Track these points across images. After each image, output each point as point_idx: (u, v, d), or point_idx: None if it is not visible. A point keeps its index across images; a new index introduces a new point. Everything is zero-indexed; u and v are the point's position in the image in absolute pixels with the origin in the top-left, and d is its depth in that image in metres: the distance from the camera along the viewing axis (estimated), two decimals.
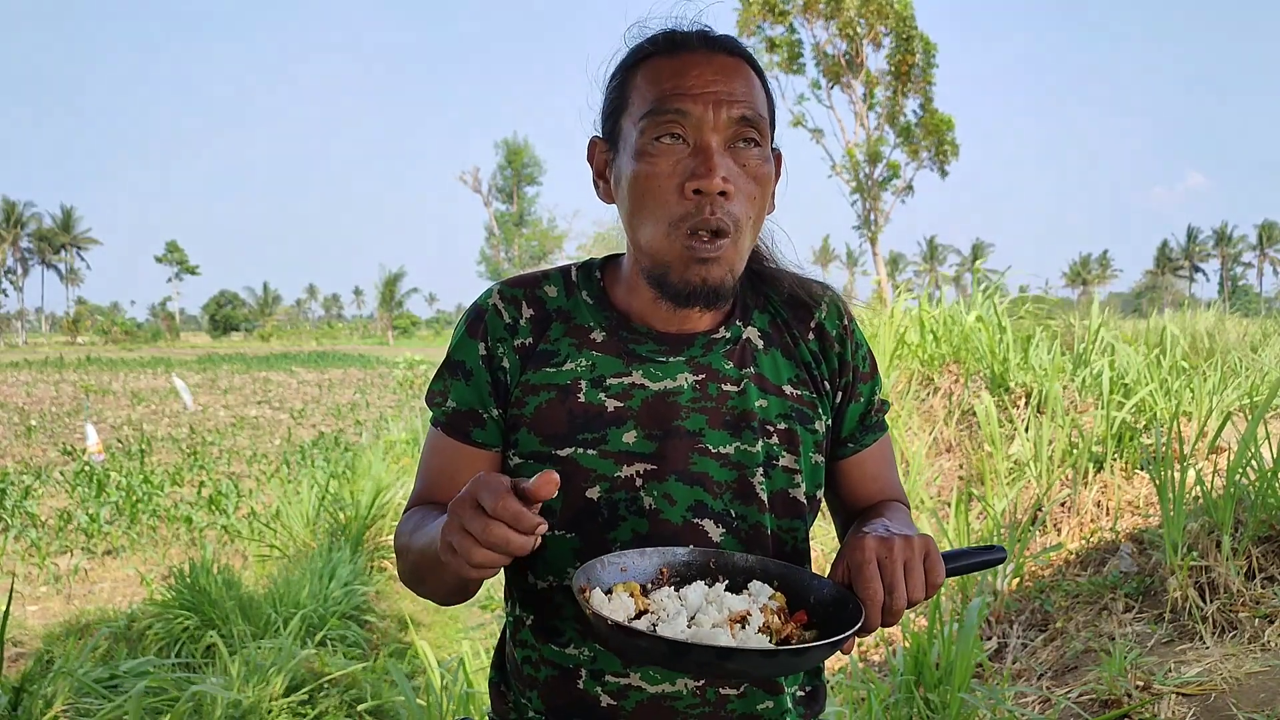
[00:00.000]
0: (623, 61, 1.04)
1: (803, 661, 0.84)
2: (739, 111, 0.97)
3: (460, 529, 0.79)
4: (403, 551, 1.04)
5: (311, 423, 14.41)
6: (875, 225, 23.78)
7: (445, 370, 1.09)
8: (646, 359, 1.06)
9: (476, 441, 1.06)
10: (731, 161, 0.97)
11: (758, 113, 0.98)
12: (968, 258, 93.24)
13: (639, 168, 0.98)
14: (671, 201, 0.97)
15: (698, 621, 0.86)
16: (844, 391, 1.13)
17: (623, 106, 1.02)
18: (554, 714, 1.05)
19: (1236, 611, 2.75)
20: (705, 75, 0.97)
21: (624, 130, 1.01)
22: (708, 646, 0.79)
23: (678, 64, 0.98)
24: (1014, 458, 4.67)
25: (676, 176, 0.96)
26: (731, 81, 0.98)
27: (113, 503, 6.96)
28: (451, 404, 1.07)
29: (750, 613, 0.89)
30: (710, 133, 0.96)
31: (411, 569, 1.02)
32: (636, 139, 0.98)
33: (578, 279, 1.11)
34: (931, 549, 0.91)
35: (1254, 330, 9.28)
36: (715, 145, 0.96)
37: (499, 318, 1.07)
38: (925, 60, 22.17)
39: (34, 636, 4.34)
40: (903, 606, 0.89)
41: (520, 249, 57.66)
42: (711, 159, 0.95)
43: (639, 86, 1.00)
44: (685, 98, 0.96)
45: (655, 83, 0.98)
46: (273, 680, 3.21)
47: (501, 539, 0.78)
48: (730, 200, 0.96)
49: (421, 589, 1.04)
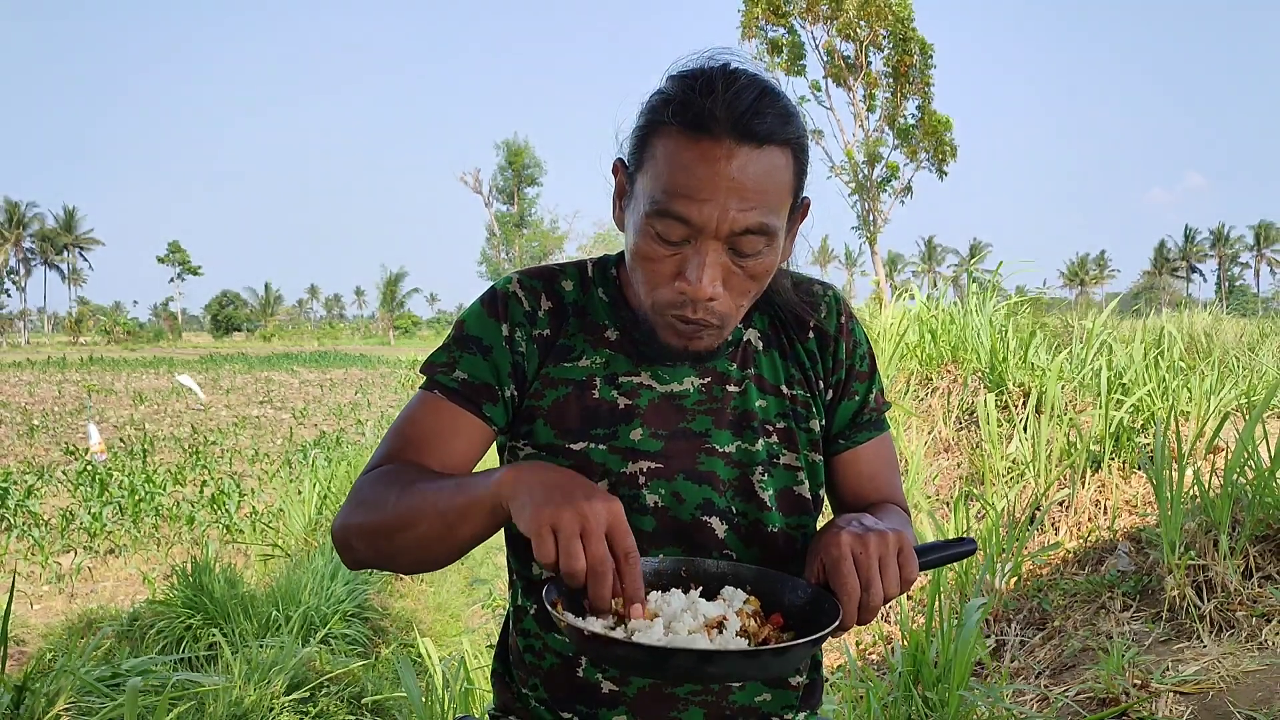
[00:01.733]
0: (652, 105, 0.97)
1: (784, 662, 0.83)
2: (746, 222, 0.92)
3: (575, 533, 0.80)
4: (377, 502, 0.96)
5: (313, 422, 14.42)
6: (874, 226, 23.77)
7: (454, 344, 1.07)
8: (655, 360, 1.08)
9: (485, 415, 1.05)
10: (730, 261, 0.95)
11: (767, 221, 0.93)
12: (966, 258, 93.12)
13: (639, 243, 0.96)
14: (663, 283, 0.96)
15: (674, 629, 0.85)
16: (836, 389, 1.15)
17: (639, 161, 0.97)
18: (557, 702, 1.07)
19: (1234, 610, 2.76)
20: (719, 176, 0.90)
21: (637, 185, 0.97)
22: (689, 651, 0.79)
23: (694, 153, 0.91)
24: (1012, 457, 4.68)
25: (672, 265, 0.95)
26: (747, 183, 0.91)
27: (115, 502, 6.97)
28: (461, 374, 1.05)
29: (726, 617, 0.89)
30: (709, 240, 0.93)
31: (396, 520, 0.94)
32: (643, 215, 0.95)
33: (594, 275, 1.12)
34: (905, 543, 0.91)
35: (1251, 330, 9.28)
36: (710, 254, 0.93)
37: (519, 305, 1.08)
38: (923, 61, 22.16)
39: (36, 635, 4.35)
40: (879, 603, 0.89)
41: (521, 249, 57.64)
42: (702, 269, 0.93)
43: (655, 157, 0.94)
44: (691, 203, 0.91)
45: (668, 167, 0.92)
46: (274, 678, 3.22)
47: (604, 573, 0.80)
48: (718, 301, 0.95)
49: (389, 545, 0.96)
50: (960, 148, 22.82)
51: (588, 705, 1.05)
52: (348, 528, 0.98)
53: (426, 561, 0.97)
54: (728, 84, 0.92)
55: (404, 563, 0.98)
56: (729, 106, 0.90)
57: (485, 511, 0.88)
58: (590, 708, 1.05)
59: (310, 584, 4.30)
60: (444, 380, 1.06)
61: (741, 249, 0.94)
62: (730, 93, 0.91)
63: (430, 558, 0.96)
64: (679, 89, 0.94)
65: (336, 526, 0.99)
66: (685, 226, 0.92)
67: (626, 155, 1.01)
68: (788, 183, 0.95)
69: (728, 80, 0.93)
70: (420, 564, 0.97)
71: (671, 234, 0.93)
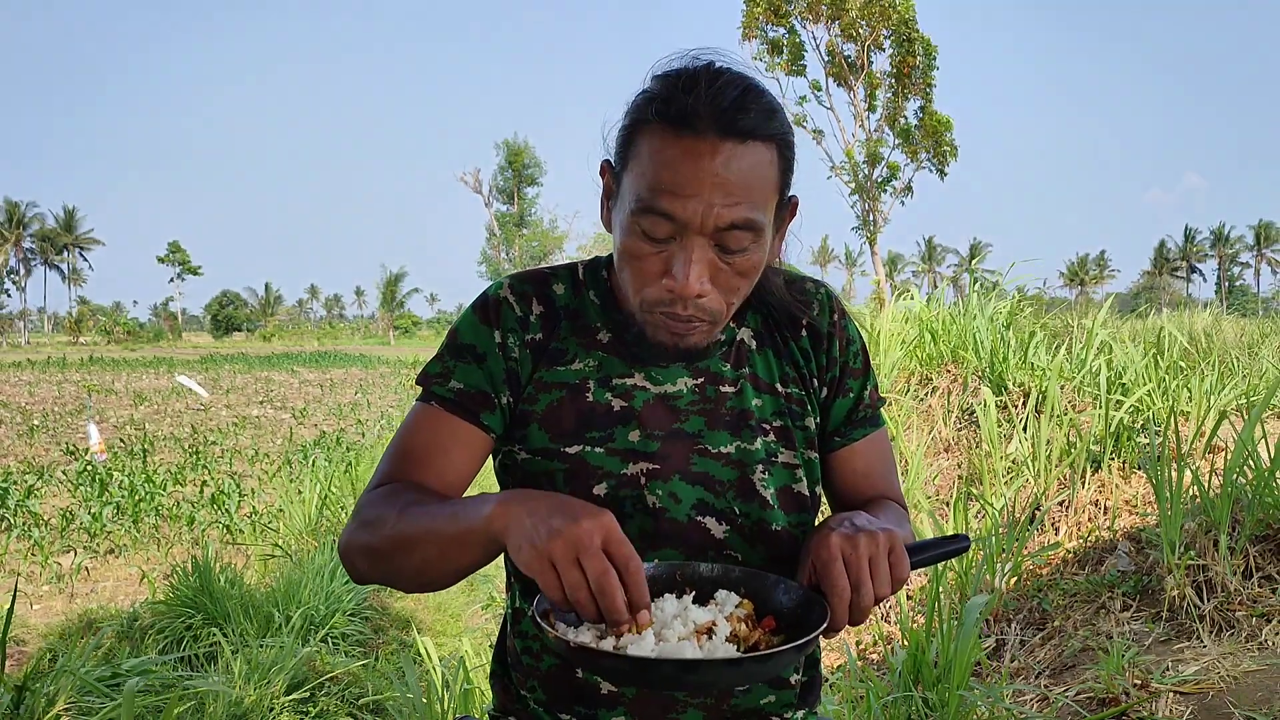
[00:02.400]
0: (636, 104, 0.97)
1: (769, 668, 0.83)
2: (731, 217, 0.92)
3: (572, 558, 0.80)
4: (377, 523, 0.96)
5: (313, 422, 14.41)
6: (874, 226, 23.77)
7: (448, 353, 1.07)
8: (648, 361, 1.07)
9: (483, 424, 1.05)
10: (717, 257, 0.94)
11: (753, 216, 0.93)
12: (965, 258, 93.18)
13: (626, 242, 0.96)
14: (650, 280, 0.96)
15: (665, 636, 0.85)
16: (830, 386, 1.15)
17: (624, 161, 0.97)
18: (555, 703, 1.07)
19: (1234, 610, 2.76)
20: (703, 171, 0.90)
21: (623, 184, 0.97)
22: (671, 661, 0.79)
23: (678, 150, 0.91)
24: (1012, 457, 4.68)
25: (659, 263, 0.95)
26: (731, 178, 0.91)
27: (115, 502, 6.96)
28: (457, 384, 1.05)
29: (716, 623, 0.88)
30: (695, 235, 0.92)
31: (394, 544, 0.94)
32: (628, 213, 0.95)
33: (585, 278, 1.12)
34: (896, 543, 0.91)
35: (1251, 330, 9.28)
36: (696, 251, 0.93)
37: (511, 310, 1.08)
38: (926, 62, 22.15)
39: (36, 635, 4.35)
40: (870, 603, 0.89)
41: (521, 249, 57.65)
42: (688, 266, 0.93)
43: (640, 155, 0.94)
44: (676, 199, 0.91)
45: (652, 164, 0.92)
46: (274, 678, 3.22)
47: (609, 587, 0.79)
48: (706, 298, 0.95)
49: (389, 566, 0.97)
50: (960, 147, 22.83)
51: (586, 706, 1.05)
52: (351, 546, 0.99)
53: (428, 583, 0.97)
54: (711, 81, 0.92)
55: (406, 583, 0.99)
56: (712, 102, 0.90)
57: (480, 544, 0.88)
58: (589, 709, 1.05)
59: (310, 584, 4.30)
60: (440, 391, 1.05)
61: (728, 245, 0.94)
62: (714, 89, 0.91)
63: (430, 580, 0.97)
64: (662, 87, 0.94)
65: (341, 545, 1.01)
66: (670, 223, 0.92)
67: (612, 155, 1.01)
68: (773, 179, 0.95)
69: (711, 77, 0.93)
70: (423, 586, 0.98)
71: (657, 231, 0.93)
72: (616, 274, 1.02)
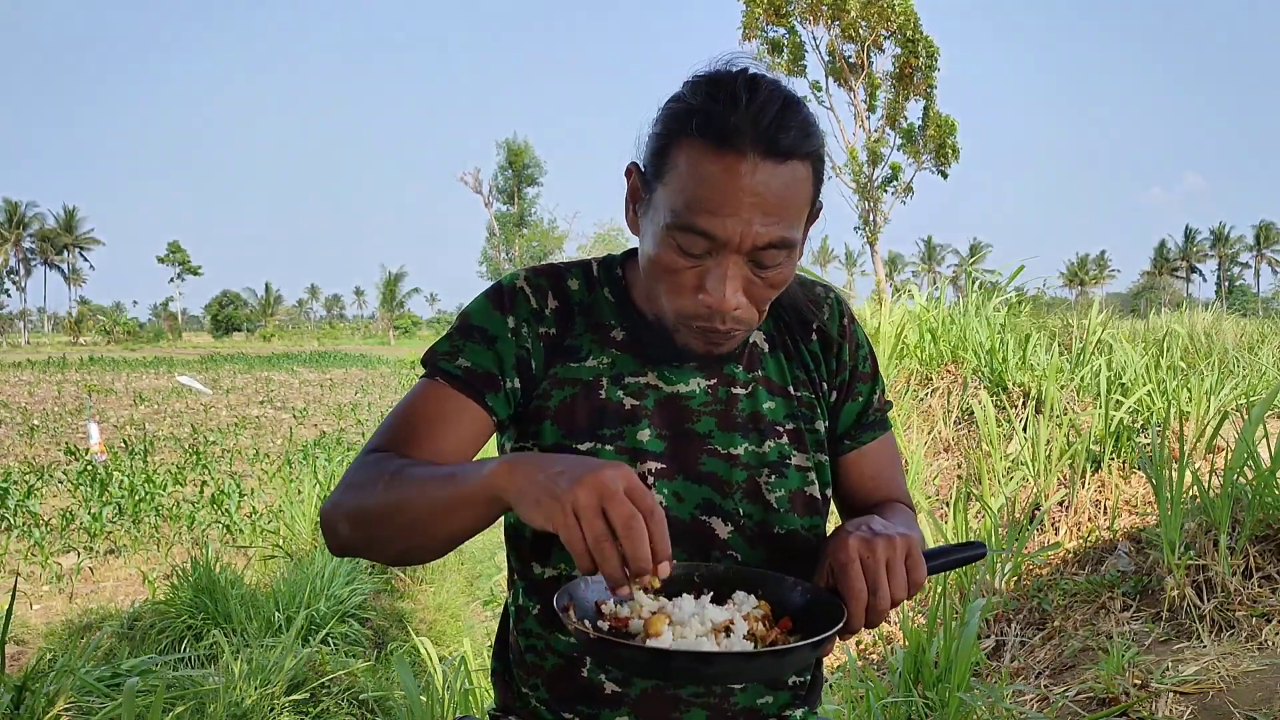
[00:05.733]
0: (674, 113, 0.95)
1: (784, 664, 0.84)
2: (769, 237, 0.92)
3: (596, 505, 0.76)
4: (365, 485, 0.93)
5: (313, 422, 14.42)
6: (875, 226, 23.77)
7: (458, 334, 1.06)
8: (662, 361, 1.08)
9: (487, 404, 1.04)
10: (750, 272, 0.95)
11: (788, 235, 0.93)
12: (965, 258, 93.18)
13: (660, 254, 0.96)
14: (685, 295, 0.96)
15: (682, 634, 0.86)
16: (840, 390, 1.16)
17: (659, 171, 0.96)
18: (559, 702, 1.07)
19: (1234, 610, 2.76)
20: (743, 191, 0.90)
21: (656, 194, 0.96)
22: (689, 653, 0.80)
23: (718, 168, 0.90)
24: (1012, 457, 4.68)
25: (693, 277, 0.95)
26: (770, 198, 0.91)
27: (115, 502, 6.96)
28: (465, 362, 1.04)
29: (734, 621, 0.89)
30: (731, 253, 0.93)
31: (382, 507, 0.91)
32: (663, 227, 0.94)
33: (600, 275, 1.12)
34: (913, 548, 0.92)
35: (1251, 330, 9.29)
36: (732, 268, 0.94)
37: (526, 300, 1.08)
38: (928, 63, 22.15)
39: (36, 635, 4.35)
40: (886, 606, 0.90)
41: (521, 249, 57.67)
42: (724, 283, 0.93)
43: (677, 169, 0.93)
44: (714, 218, 0.91)
45: (691, 180, 0.91)
46: (275, 679, 3.22)
47: (635, 530, 0.76)
48: (741, 310, 0.96)
49: (375, 531, 0.93)
50: (961, 147, 22.82)
51: (590, 706, 1.05)
52: (335, 508, 0.95)
53: (413, 552, 0.93)
54: (751, 96, 0.91)
55: (389, 551, 0.94)
56: (754, 121, 0.90)
57: (479, 504, 0.85)
58: (593, 708, 1.05)
59: (310, 584, 4.30)
60: (446, 367, 1.04)
61: (763, 261, 0.94)
62: (754, 106, 0.90)
63: (416, 547, 0.92)
64: (701, 100, 0.93)
65: (325, 508, 0.97)
66: (707, 241, 0.92)
67: (643, 161, 1.00)
68: (808, 195, 0.96)
69: (751, 91, 0.92)
70: (406, 554, 0.94)
71: (694, 247, 0.93)
72: (645, 280, 1.02)
